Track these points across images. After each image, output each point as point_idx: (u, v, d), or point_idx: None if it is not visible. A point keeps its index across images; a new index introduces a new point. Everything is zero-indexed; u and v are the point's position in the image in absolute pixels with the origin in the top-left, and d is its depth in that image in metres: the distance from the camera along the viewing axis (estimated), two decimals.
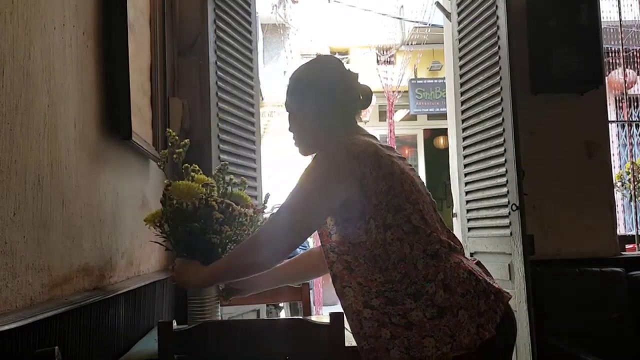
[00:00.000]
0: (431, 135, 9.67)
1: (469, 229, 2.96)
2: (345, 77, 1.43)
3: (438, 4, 3.33)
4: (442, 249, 1.22)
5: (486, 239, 2.79)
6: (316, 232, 1.35)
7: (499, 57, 2.61)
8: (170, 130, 1.52)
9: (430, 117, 9.46)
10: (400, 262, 1.20)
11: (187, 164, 1.47)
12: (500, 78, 2.60)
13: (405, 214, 1.23)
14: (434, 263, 1.20)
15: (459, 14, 3.02)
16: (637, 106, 6.63)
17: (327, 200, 1.26)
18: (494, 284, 1.25)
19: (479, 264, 1.34)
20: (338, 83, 1.41)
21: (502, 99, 2.60)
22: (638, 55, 6.51)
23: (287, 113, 1.47)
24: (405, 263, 1.20)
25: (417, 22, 8.08)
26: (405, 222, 1.22)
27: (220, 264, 1.38)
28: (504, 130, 2.59)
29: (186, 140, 1.51)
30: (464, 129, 2.99)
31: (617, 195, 4.39)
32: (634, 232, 3.49)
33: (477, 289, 1.20)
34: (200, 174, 1.48)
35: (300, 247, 1.48)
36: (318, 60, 1.51)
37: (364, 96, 1.44)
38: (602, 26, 3.07)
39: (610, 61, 6.02)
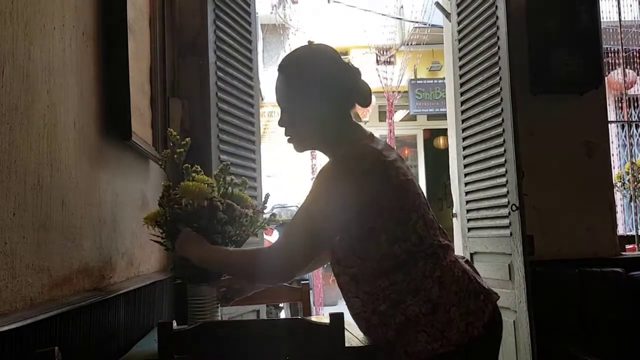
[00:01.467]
0: (431, 135, 9.67)
1: (469, 229, 2.96)
2: (343, 69, 1.35)
3: (438, 4, 3.33)
4: (440, 250, 1.26)
5: (486, 239, 2.79)
6: None
7: (499, 58, 2.61)
8: (172, 130, 1.52)
9: (430, 117, 9.46)
10: (403, 264, 1.23)
11: (187, 164, 1.47)
12: (500, 78, 2.60)
13: (411, 223, 1.24)
14: (432, 261, 1.23)
15: (458, 14, 3.02)
16: (637, 106, 6.63)
17: (341, 217, 1.23)
18: (483, 284, 1.29)
19: (467, 262, 1.37)
20: (335, 74, 1.33)
21: (501, 99, 2.60)
22: (638, 55, 6.51)
23: (280, 108, 1.38)
24: (407, 264, 1.23)
25: (417, 22, 8.08)
26: (412, 233, 1.24)
27: (229, 258, 1.35)
28: (503, 130, 2.59)
29: (187, 140, 1.50)
30: (463, 129, 2.99)
31: (617, 195, 4.38)
32: (634, 232, 3.49)
33: (469, 289, 1.24)
34: (202, 174, 1.48)
35: None
36: (313, 50, 1.40)
37: (363, 93, 1.36)
38: (602, 26, 3.07)
39: (610, 61, 6.01)
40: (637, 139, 6.55)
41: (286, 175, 8.91)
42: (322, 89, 1.31)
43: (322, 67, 1.33)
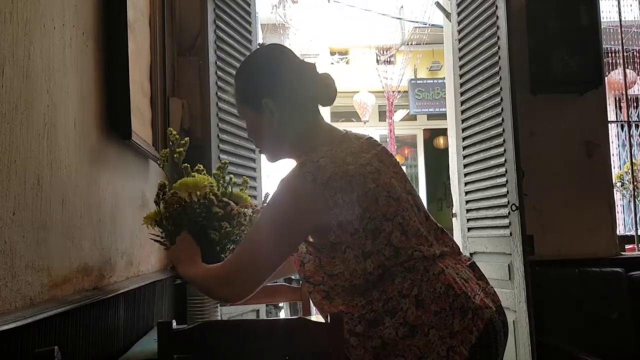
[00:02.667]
0: (431, 135, 9.68)
1: (469, 229, 2.96)
2: (298, 67, 1.28)
3: (438, 4, 3.33)
4: (421, 262, 1.15)
5: (486, 239, 2.79)
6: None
7: (499, 57, 2.61)
8: (172, 129, 1.52)
9: (430, 117, 9.47)
10: (379, 280, 1.15)
11: (187, 164, 1.47)
12: (500, 78, 2.60)
13: (384, 235, 1.15)
14: (410, 277, 1.14)
15: (458, 14, 3.02)
16: (637, 106, 6.63)
17: (297, 234, 1.17)
18: (474, 299, 1.15)
19: (472, 265, 1.27)
20: (291, 74, 1.26)
21: (502, 99, 2.60)
22: (638, 55, 6.52)
23: (245, 120, 1.33)
24: (383, 280, 1.14)
25: (417, 22, 8.09)
26: (386, 246, 1.14)
27: (198, 276, 1.26)
28: (503, 130, 2.59)
29: (186, 139, 1.51)
30: (463, 129, 2.99)
31: (617, 196, 4.39)
32: (633, 232, 3.49)
33: (454, 306, 1.11)
34: (204, 173, 1.48)
35: None
36: (265, 52, 1.33)
37: (323, 90, 1.28)
38: (602, 26, 3.07)
39: (610, 61, 6.02)
40: (637, 139, 6.55)
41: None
42: (280, 92, 1.24)
43: (277, 68, 1.26)
